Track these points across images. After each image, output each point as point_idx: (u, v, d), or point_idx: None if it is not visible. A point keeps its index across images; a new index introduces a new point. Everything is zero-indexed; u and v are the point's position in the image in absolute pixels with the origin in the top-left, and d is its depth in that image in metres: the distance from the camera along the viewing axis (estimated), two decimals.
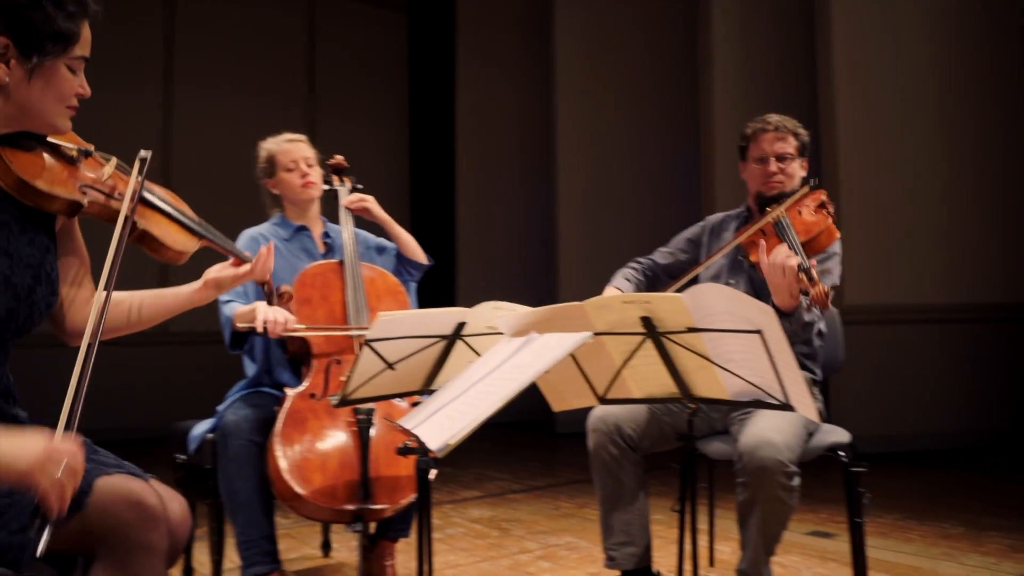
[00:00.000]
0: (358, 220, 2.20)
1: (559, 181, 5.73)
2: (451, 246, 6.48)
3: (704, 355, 1.44)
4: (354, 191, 2.23)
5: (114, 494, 1.00)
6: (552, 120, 5.81)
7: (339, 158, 2.27)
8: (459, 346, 1.60)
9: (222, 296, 2.03)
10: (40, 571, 1.02)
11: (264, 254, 1.41)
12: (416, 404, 1.80)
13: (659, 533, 2.65)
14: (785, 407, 1.43)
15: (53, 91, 1.11)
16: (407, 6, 7.04)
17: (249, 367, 2.08)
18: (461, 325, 1.55)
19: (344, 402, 1.53)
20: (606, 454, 1.89)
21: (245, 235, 2.12)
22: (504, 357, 1.32)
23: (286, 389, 1.91)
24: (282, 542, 2.72)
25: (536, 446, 5.30)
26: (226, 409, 1.92)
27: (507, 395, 1.18)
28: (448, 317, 1.53)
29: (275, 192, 2.15)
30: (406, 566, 2.18)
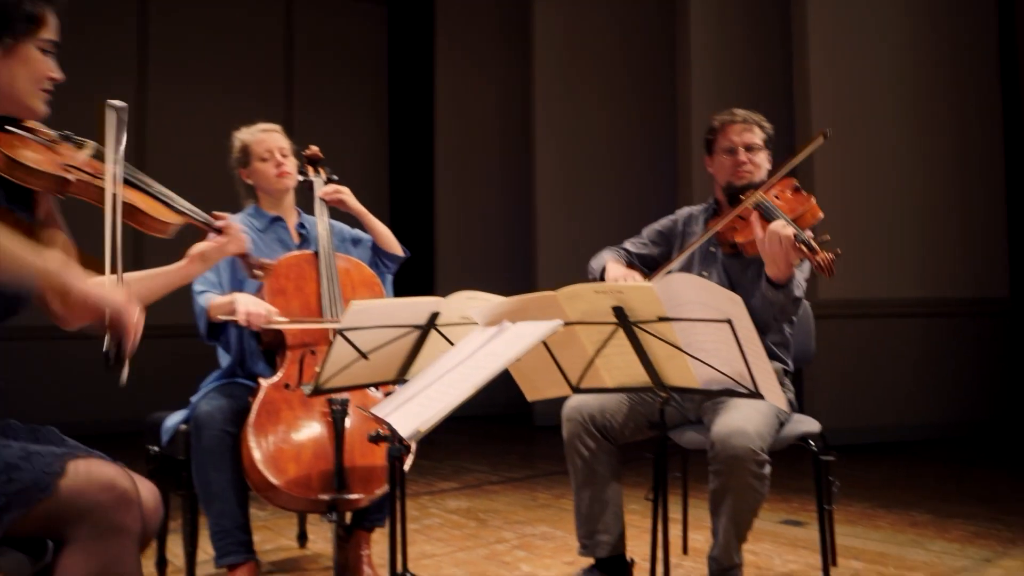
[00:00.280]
0: (334, 212, 2.19)
1: (537, 173, 5.75)
2: (430, 238, 6.48)
3: (675, 344, 1.46)
4: (329, 182, 2.22)
5: (88, 477, 1.00)
6: (531, 112, 5.82)
7: (314, 149, 2.26)
8: (433, 336, 1.60)
9: (196, 287, 2.02)
10: (11, 557, 1.01)
11: (232, 226, 1.44)
12: (390, 394, 1.80)
13: (634, 523, 2.68)
14: (755, 395, 1.46)
15: (27, 72, 1.13)
16: None
17: (223, 358, 2.06)
18: (435, 315, 1.56)
19: (317, 391, 1.53)
20: (580, 443, 1.91)
21: None
22: (477, 346, 1.32)
23: (260, 380, 1.90)
24: (258, 534, 2.71)
25: (514, 438, 5.32)
26: (199, 400, 1.91)
27: (478, 382, 1.18)
28: (422, 307, 1.53)
29: (249, 182, 2.13)
30: (382, 556, 2.18)
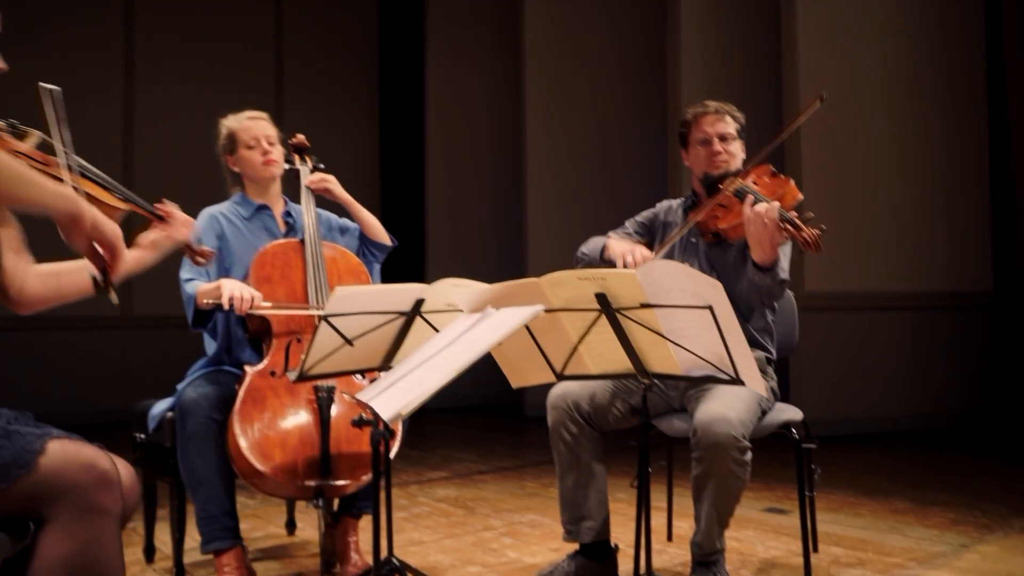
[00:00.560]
0: (321, 200, 2.20)
1: (528, 163, 5.77)
2: (421, 228, 6.49)
3: (657, 331, 1.47)
4: (315, 170, 2.22)
5: (68, 456, 1.01)
6: (521, 103, 5.83)
7: (300, 137, 2.25)
8: (418, 323, 1.62)
9: (183, 275, 2.02)
10: None
11: (175, 215, 1.47)
12: (375, 381, 1.81)
13: (621, 510, 2.71)
14: (735, 382, 1.48)
15: None
16: None
17: (210, 345, 2.07)
18: (420, 302, 1.57)
19: (302, 377, 1.54)
20: (565, 430, 1.93)
21: (204, 213, 2.10)
22: (460, 332, 1.34)
23: (246, 367, 1.91)
24: (247, 521, 2.73)
25: (504, 429, 5.35)
26: (185, 387, 1.91)
27: (460, 367, 1.20)
28: (406, 293, 1.54)
29: (235, 170, 2.13)
30: (369, 542, 2.20)
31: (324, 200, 2.19)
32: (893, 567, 2.10)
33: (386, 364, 1.65)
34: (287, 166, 2.18)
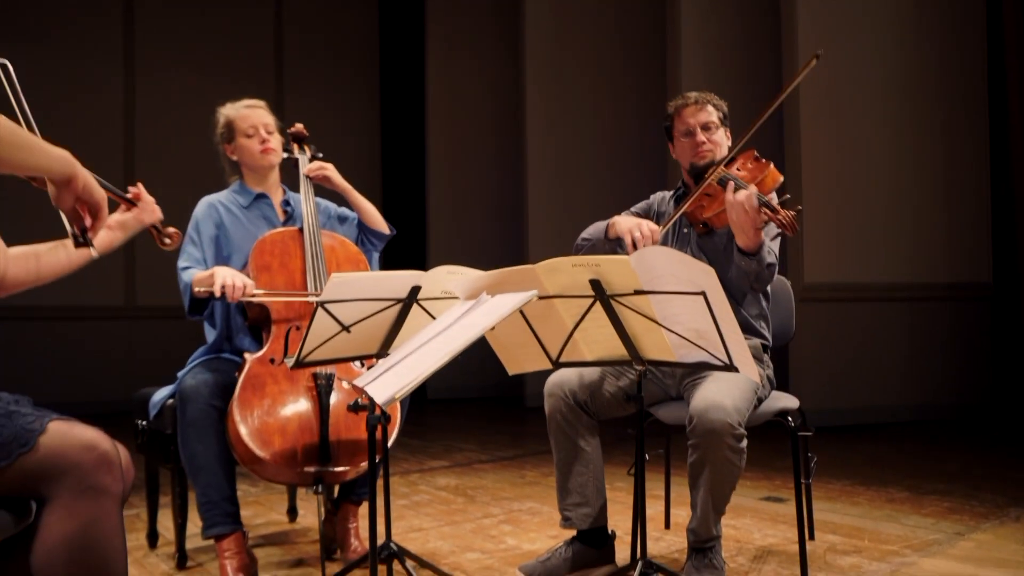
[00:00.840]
0: (320, 190, 2.20)
1: (528, 153, 5.78)
2: (422, 217, 6.51)
3: (651, 317, 1.48)
4: (314, 159, 2.22)
5: (69, 437, 1.02)
6: (521, 92, 5.83)
7: (299, 126, 2.26)
8: (415, 310, 1.63)
9: (181, 263, 2.03)
10: None
11: (144, 197, 1.48)
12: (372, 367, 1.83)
13: (619, 499, 2.73)
14: (729, 368, 1.49)
15: None
16: None
17: (209, 333, 2.08)
18: (416, 289, 1.58)
19: (299, 364, 1.56)
20: (561, 417, 1.94)
21: (203, 202, 2.11)
22: (454, 318, 1.35)
23: (245, 354, 1.92)
24: (250, 508, 2.76)
25: (505, 419, 5.38)
26: (186, 374, 1.93)
27: (453, 351, 1.21)
28: (402, 280, 1.55)
29: (233, 158, 2.14)
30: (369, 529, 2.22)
31: (323, 189, 2.20)
32: (889, 554, 2.11)
33: (383, 351, 1.67)
34: (285, 155, 2.19)
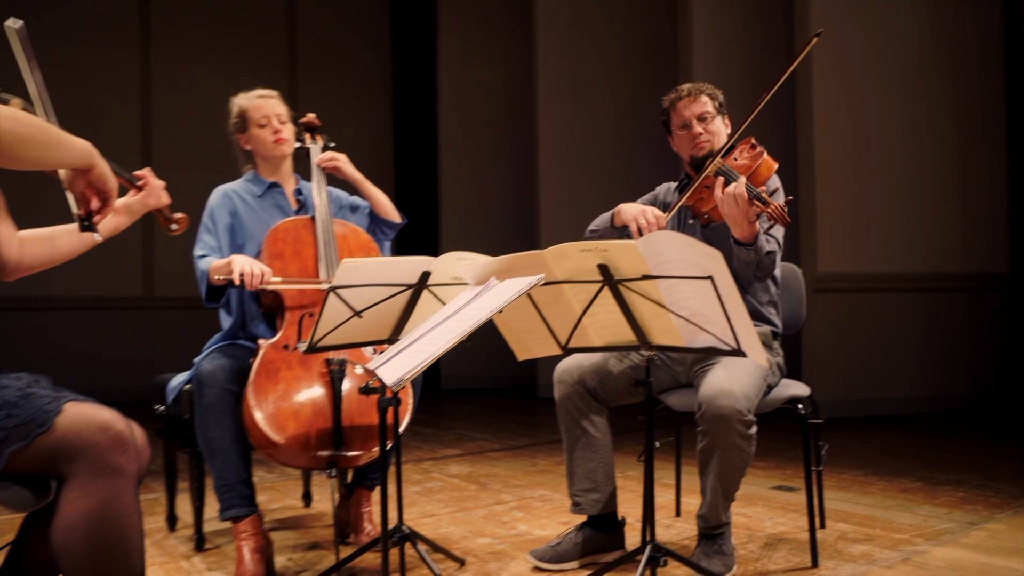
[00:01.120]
0: (333, 179, 2.23)
1: (540, 140, 5.79)
2: (434, 205, 6.55)
3: (659, 302, 1.49)
4: (326, 149, 2.25)
5: (84, 417, 1.05)
6: (534, 80, 5.83)
7: (311, 116, 2.28)
8: (426, 296, 1.65)
9: (197, 251, 2.07)
10: (15, 491, 1.07)
11: (151, 182, 1.49)
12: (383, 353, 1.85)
13: (630, 487, 2.74)
14: (737, 353, 1.49)
15: None
16: None
17: (225, 320, 2.12)
18: (426, 275, 1.60)
19: (312, 348, 1.58)
20: (571, 404, 1.96)
21: (218, 191, 2.14)
22: (463, 302, 1.37)
23: (260, 341, 1.95)
24: (265, 494, 2.80)
25: (518, 409, 5.40)
26: (202, 360, 1.97)
27: (462, 334, 1.23)
28: (412, 266, 1.57)
29: (247, 148, 2.17)
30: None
31: (335, 178, 2.22)
32: (900, 543, 2.11)
33: (395, 336, 1.69)
34: (298, 144, 2.21)
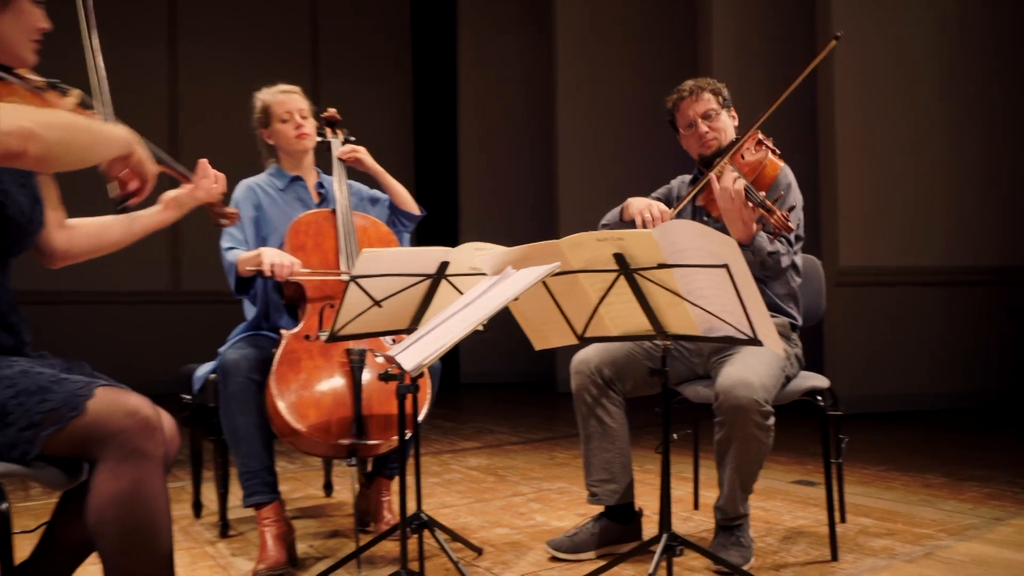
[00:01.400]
0: (353, 172, 2.26)
1: (559, 131, 5.82)
2: (454, 197, 6.59)
3: (675, 291, 1.50)
4: (346, 143, 2.29)
5: (114, 402, 1.09)
6: (553, 72, 5.84)
7: (332, 111, 2.32)
8: (444, 286, 1.67)
9: (224, 244, 2.11)
10: (48, 471, 1.12)
11: (205, 171, 1.51)
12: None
13: (648, 480, 2.75)
14: (753, 342, 1.49)
15: (21, 24, 1.21)
16: None
17: (249, 311, 2.17)
18: (445, 264, 1.62)
19: (333, 337, 1.61)
20: (588, 395, 1.97)
21: (242, 185, 2.19)
22: (480, 291, 1.38)
23: (282, 331, 1.99)
24: (287, 483, 2.86)
25: (537, 404, 5.42)
26: (227, 349, 2.01)
27: (478, 321, 1.25)
28: (431, 256, 1.59)
29: (270, 142, 2.21)
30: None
31: (355, 171, 2.26)
32: (922, 538, 2.09)
33: (413, 326, 1.71)
34: (319, 139, 2.25)
